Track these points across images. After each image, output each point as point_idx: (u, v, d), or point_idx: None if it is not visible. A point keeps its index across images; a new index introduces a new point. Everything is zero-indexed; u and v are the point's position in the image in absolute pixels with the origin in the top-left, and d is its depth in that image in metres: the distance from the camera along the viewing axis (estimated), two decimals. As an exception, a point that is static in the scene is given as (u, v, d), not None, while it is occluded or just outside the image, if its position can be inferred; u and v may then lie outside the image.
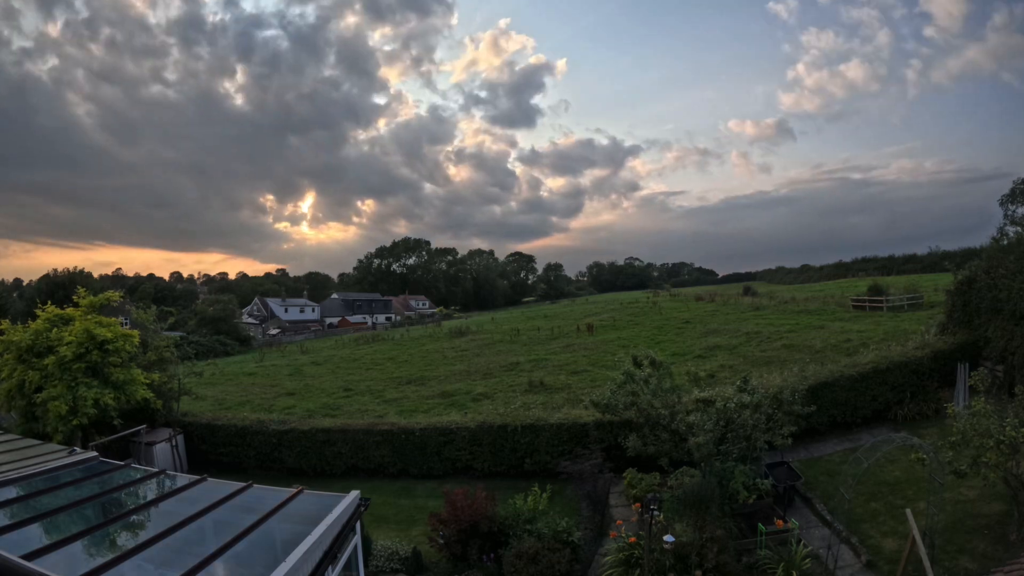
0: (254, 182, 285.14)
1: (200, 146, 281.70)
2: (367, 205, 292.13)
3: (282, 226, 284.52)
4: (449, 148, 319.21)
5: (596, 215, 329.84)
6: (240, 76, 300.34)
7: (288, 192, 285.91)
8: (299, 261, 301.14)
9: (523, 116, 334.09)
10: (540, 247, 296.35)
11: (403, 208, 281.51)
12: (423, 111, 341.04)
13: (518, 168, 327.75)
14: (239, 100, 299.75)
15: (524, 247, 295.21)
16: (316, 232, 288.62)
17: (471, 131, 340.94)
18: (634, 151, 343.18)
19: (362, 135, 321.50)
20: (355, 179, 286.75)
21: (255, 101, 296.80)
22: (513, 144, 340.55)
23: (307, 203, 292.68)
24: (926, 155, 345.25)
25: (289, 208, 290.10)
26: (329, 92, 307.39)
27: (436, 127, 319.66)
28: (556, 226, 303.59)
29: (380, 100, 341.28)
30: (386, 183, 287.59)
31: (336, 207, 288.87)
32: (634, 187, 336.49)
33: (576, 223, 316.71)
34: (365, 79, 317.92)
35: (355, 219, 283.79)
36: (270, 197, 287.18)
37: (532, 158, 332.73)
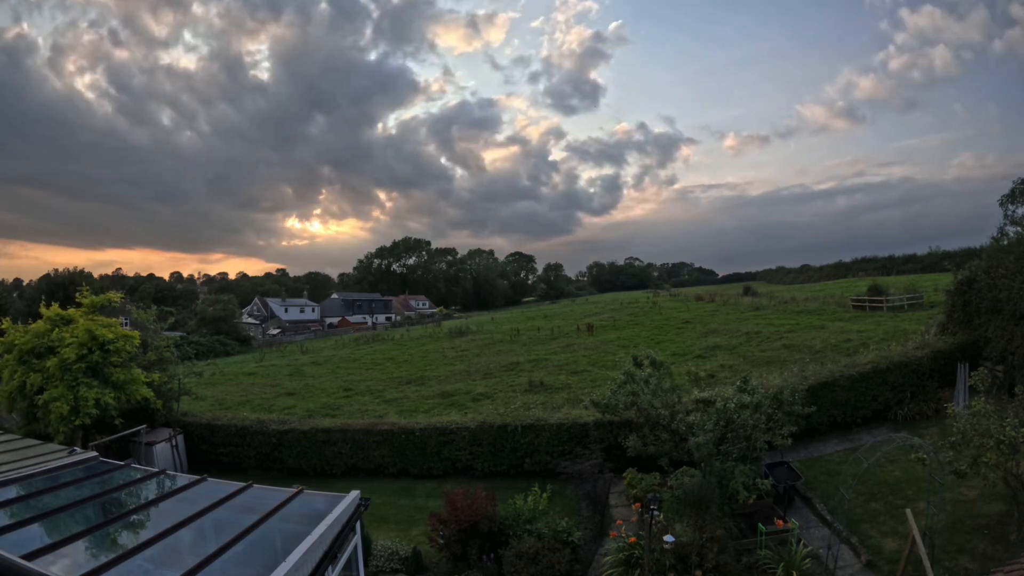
0: (272, 170, 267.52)
1: (217, 128, 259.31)
2: (391, 198, 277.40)
3: (295, 222, 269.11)
4: (490, 135, 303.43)
5: (629, 210, 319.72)
6: (267, 38, 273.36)
7: (307, 183, 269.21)
8: (311, 258, 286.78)
9: (578, 96, 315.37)
10: (561, 244, 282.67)
11: (427, 202, 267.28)
12: (468, 88, 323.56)
13: (560, 156, 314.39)
14: (263, 70, 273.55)
15: (544, 245, 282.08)
16: (326, 229, 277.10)
17: (518, 114, 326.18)
18: (689, 140, 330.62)
19: (396, 115, 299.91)
20: (381, 167, 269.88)
21: (282, 69, 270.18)
22: (560, 133, 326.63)
23: (326, 195, 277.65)
24: (988, 148, 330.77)
25: (306, 201, 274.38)
26: (367, 60, 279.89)
27: (480, 110, 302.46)
28: (582, 223, 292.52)
29: (422, 73, 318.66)
30: (415, 173, 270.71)
31: (356, 202, 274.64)
32: (675, 179, 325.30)
33: (602, 220, 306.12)
34: (411, 44, 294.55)
35: (375, 214, 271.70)
36: (287, 189, 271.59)
37: (577, 146, 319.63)
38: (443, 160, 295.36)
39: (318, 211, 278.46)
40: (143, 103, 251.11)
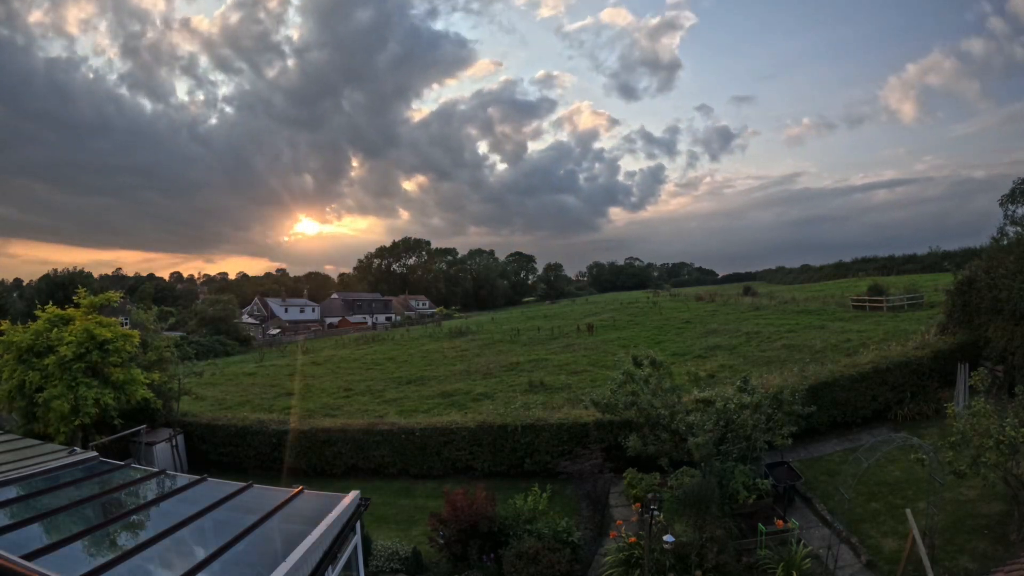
0: (296, 153, 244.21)
1: (238, 102, 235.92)
2: (418, 189, 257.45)
3: (310, 217, 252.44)
4: (539, 119, 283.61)
5: (665, 204, 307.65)
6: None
7: (330, 172, 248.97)
8: (320, 256, 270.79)
9: (648, 74, 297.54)
10: (585, 242, 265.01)
11: (455, 195, 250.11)
12: (522, 59, 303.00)
13: (608, 144, 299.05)
14: (295, 27, 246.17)
15: (564, 243, 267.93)
16: (342, 225, 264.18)
17: (573, 94, 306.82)
18: (752, 131, 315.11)
19: (438, 91, 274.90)
20: (412, 153, 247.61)
21: (316, 27, 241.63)
22: (614, 120, 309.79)
23: (348, 187, 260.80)
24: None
25: (327, 193, 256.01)
26: (415, 19, 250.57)
27: (533, 88, 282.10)
28: (612, 219, 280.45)
29: (475, 39, 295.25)
30: (448, 161, 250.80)
31: (379, 195, 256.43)
32: (721, 171, 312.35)
33: (634, 216, 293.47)
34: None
35: (397, 209, 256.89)
36: (308, 179, 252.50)
37: (628, 135, 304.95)
38: (482, 146, 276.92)
39: (335, 205, 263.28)
40: (155, 70, 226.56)
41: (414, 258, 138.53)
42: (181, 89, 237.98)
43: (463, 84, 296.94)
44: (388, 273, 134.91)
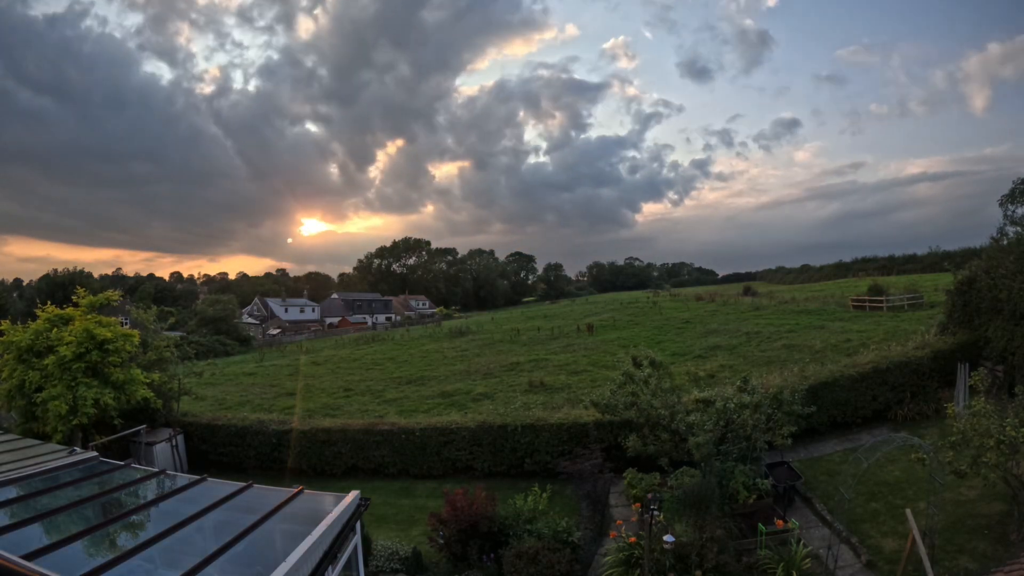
0: (330, 132, 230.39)
1: (262, 73, 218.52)
2: (448, 180, 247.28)
3: (327, 213, 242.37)
4: (595, 106, 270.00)
5: (704, 198, 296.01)
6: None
7: (358, 160, 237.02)
8: (324, 255, 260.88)
9: (735, 50, 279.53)
10: (611, 240, 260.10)
11: (486, 186, 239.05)
12: (592, 28, 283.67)
13: (662, 134, 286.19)
14: None
15: (590, 241, 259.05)
16: (360, 220, 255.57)
17: (635, 77, 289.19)
18: (821, 121, 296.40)
19: (489, 64, 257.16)
20: (449, 135, 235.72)
21: None
22: (679, 109, 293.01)
23: (373, 178, 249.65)
24: None
25: (352, 186, 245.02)
26: None
27: (599, 63, 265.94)
28: (647, 213, 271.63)
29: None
30: (484, 149, 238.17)
31: (405, 188, 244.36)
32: (767, 163, 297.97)
33: (665, 212, 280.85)
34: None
35: (422, 203, 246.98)
36: (333, 171, 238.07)
37: (684, 128, 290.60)
38: (527, 130, 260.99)
39: (356, 200, 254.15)
40: (168, 23, 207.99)
41: (414, 258, 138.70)
42: (200, 53, 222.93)
43: (517, 58, 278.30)
44: (388, 273, 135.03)
